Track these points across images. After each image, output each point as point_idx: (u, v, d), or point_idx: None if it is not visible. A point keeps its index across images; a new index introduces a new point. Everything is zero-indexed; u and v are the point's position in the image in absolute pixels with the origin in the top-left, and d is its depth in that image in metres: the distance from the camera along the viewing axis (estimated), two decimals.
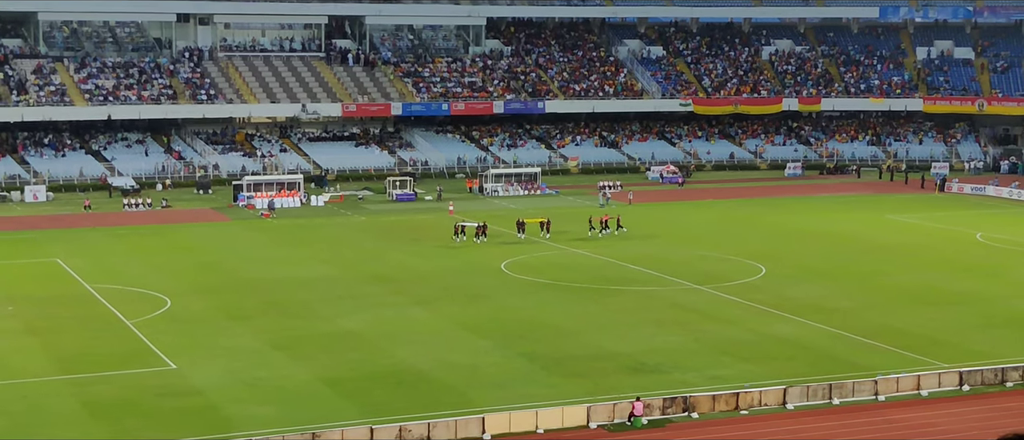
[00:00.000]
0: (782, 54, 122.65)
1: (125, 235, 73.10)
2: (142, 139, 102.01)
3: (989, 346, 45.29)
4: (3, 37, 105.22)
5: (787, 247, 68.55)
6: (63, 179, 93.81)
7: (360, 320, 49.47)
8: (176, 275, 59.30)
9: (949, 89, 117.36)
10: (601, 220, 72.47)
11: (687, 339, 46.46)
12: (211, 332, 47.54)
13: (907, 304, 52.81)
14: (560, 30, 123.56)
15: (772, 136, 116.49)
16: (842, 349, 45.03)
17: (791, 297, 53.89)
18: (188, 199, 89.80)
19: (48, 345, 45.34)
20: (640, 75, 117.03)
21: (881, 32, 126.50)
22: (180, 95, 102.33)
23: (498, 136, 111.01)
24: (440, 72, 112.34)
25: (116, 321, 49.17)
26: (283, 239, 71.62)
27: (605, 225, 72.08)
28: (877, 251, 67.34)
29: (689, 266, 61.74)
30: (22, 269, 61.57)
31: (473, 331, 47.61)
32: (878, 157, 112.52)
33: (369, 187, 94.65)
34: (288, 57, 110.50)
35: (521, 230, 70.63)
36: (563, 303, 53.02)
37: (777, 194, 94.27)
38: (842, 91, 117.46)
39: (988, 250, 68.39)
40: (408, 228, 75.44)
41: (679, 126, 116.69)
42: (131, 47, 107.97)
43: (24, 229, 75.64)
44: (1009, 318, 50.31)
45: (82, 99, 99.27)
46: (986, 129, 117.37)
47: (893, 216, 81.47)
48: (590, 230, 71.79)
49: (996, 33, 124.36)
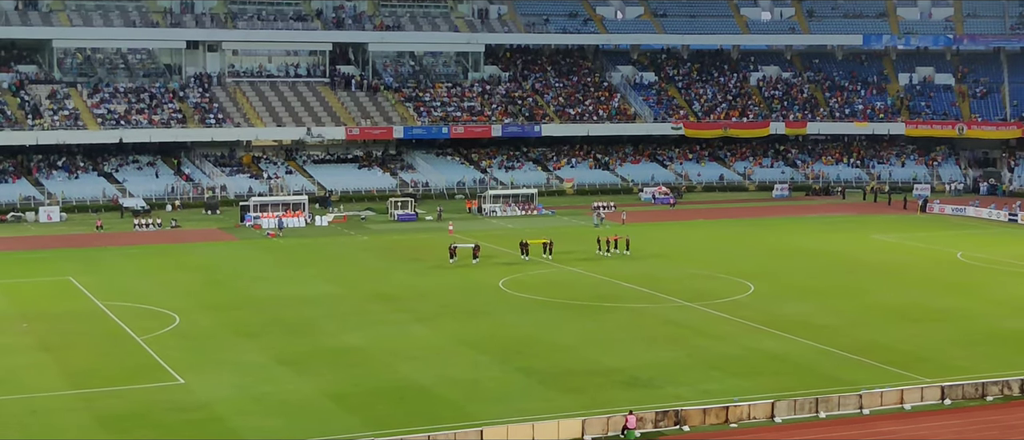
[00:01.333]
0: (769, 80, 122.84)
1: (136, 254, 73.03)
2: (152, 161, 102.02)
3: (970, 361, 45.25)
4: (19, 63, 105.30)
5: (775, 266, 68.52)
6: (76, 200, 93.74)
7: (363, 336, 49.39)
8: (185, 293, 59.22)
9: (930, 114, 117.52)
10: (609, 240, 72.24)
11: (679, 355, 46.40)
12: (218, 348, 47.43)
13: (891, 321, 52.77)
14: (556, 57, 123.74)
15: (760, 159, 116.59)
16: (828, 364, 44.98)
17: (779, 314, 53.85)
18: (197, 219, 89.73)
19: (61, 360, 45.22)
20: (633, 100, 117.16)
21: (865, 59, 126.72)
22: (189, 119, 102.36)
23: (496, 158, 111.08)
24: (440, 97, 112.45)
25: (126, 337, 49.08)
26: (288, 258, 71.54)
27: (615, 245, 71.92)
28: (861, 269, 67.33)
29: (681, 284, 61.72)
30: (36, 287, 61.49)
31: (472, 347, 47.54)
32: (862, 179, 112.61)
33: (372, 208, 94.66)
34: (294, 82, 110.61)
35: (525, 252, 70.27)
36: (559, 320, 52.98)
37: (765, 215, 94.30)
38: (827, 115, 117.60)
39: (968, 269, 68.37)
40: (409, 247, 75.39)
41: (670, 149, 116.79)
42: (142, 73, 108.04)
43: (38, 248, 75.57)
44: (989, 334, 50.27)
45: (95, 123, 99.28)
46: (966, 152, 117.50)
47: (877, 236, 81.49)
48: (598, 250, 71.64)
49: (975, 60, 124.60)
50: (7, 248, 75.52)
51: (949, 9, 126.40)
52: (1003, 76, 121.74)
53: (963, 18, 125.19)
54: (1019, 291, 60.46)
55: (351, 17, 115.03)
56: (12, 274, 65.36)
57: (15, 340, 48.64)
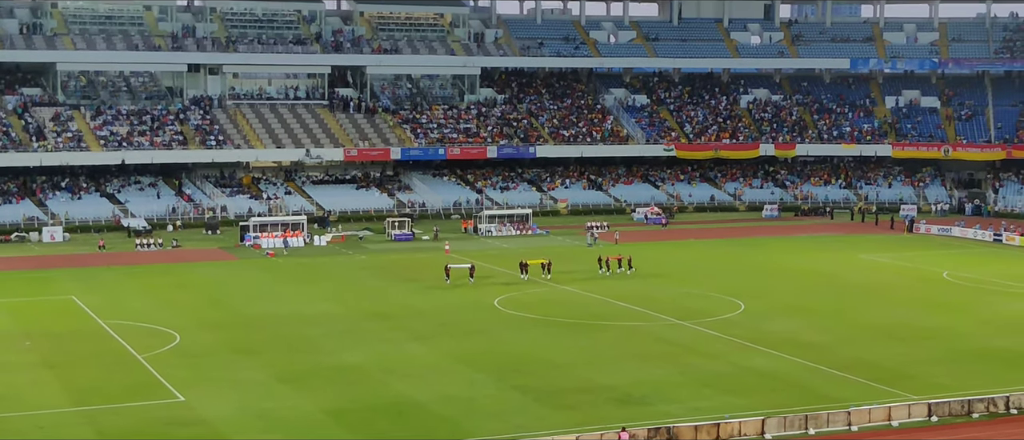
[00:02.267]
0: (759, 103, 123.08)
1: (137, 274, 72.96)
2: (154, 182, 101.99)
3: (956, 379, 45.26)
4: (23, 86, 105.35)
5: (765, 284, 68.53)
6: (79, 220, 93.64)
7: (361, 354, 49.35)
8: (185, 311, 59.16)
9: (916, 136, 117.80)
10: (611, 260, 71.91)
11: (671, 372, 46.38)
12: (219, 366, 47.37)
13: (878, 339, 52.80)
14: (550, 80, 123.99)
15: (750, 180, 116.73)
16: (817, 382, 44.98)
17: (769, 332, 53.86)
18: (197, 239, 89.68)
19: (63, 378, 45.15)
20: (625, 122, 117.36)
21: (852, 82, 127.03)
22: (190, 141, 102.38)
23: (492, 179, 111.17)
24: (437, 119, 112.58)
25: (128, 355, 49.01)
26: (287, 277, 71.51)
27: (619, 264, 71.75)
28: (850, 289, 67.37)
29: (672, 302, 61.72)
30: (40, 306, 61.41)
31: (469, 365, 47.51)
32: (850, 200, 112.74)
33: (369, 228, 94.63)
34: (293, 105, 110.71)
35: (524, 271, 70.04)
36: (554, 338, 52.96)
37: (755, 234, 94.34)
38: (816, 137, 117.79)
39: (954, 288, 68.44)
40: (406, 267, 75.36)
41: (662, 170, 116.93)
42: (144, 96, 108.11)
43: (42, 268, 75.50)
44: (975, 352, 50.30)
45: (97, 145, 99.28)
46: (951, 173, 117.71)
47: (864, 256, 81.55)
48: (600, 270, 71.46)
49: (960, 83, 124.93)
50: (11, 267, 75.44)
51: (934, 34, 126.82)
52: (987, 99, 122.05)
53: (948, 42, 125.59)
54: (1004, 310, 60.51)
55: (349, 41, 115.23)
56: (16, 293, 65.31)
57: (19, 358, 48.57)
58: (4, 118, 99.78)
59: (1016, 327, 55.73)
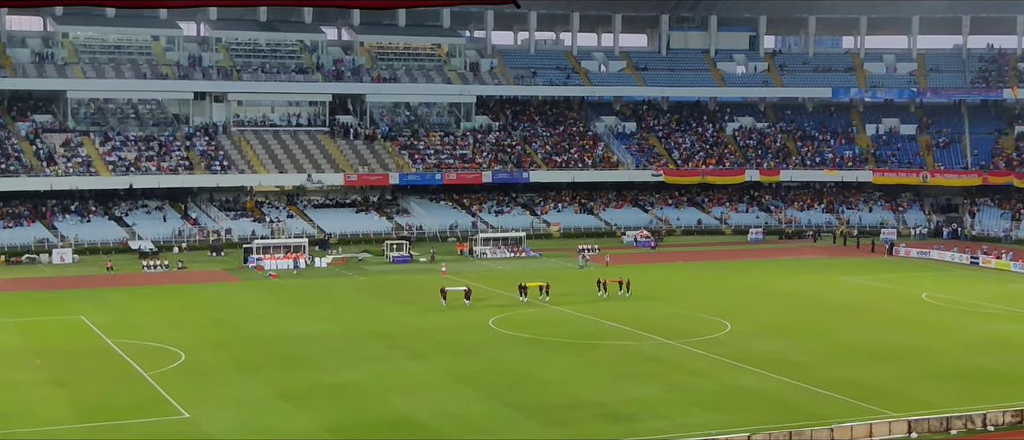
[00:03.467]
0: (744, 130, 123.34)
1: (144, 294, 72.83)
2: (161, 206, 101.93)
3: (935, 396, 45.24)
4: (35, 113, 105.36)
5: (750, 305, 68.50)
6: (88, 243, 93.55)
7: (360, 372, 49.24)
8: (190, 331, 59.04)
9: (896, 162, 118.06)
10: (610, 282, 71.28)
11: (659, 390, 46.31)
12: (222, 383, 47.25)
13: (860, 358, 52.78)
14: (543, 107, 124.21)
15: (736, 204, 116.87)
16: (801, 399, 44.93)
17: (754, 351, 53.81)
18: (202, 261, 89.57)
19: (72, 395, 45.02)
20: (616, 148, 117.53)
21: (834, 111, 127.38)
22: (196, 166, 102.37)
23: (487, 203, 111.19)
24: (434, 145, 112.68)
25: (135, 373, 48.89)
26: (289, 298, 71.42)
27: (620, 286, 71.09)
28: (832, 309, 67.38)
29: (661, 322, 61.66)
30: (50, 325, 61.27)
31: (463, 382, 47.41)
32: (832, 224, 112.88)
33: (369, 250, 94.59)
34: (295, 131, 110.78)
35: (523, 294, 69.31)
36: (546, 356, 52.87)
37: (741, 257, 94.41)
38: (799, 164, 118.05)
39: (933, 309, 68.48)
40: (404, 288, 75.28)
41: (651, 194, 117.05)
42: (152, 122, 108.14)
43: (52, 289, 75.35)
44: (952, 371, 50.31)
45: (106, 169, 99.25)
46: (930, 198, 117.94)
47: (846, 277, 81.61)
48: (598, 292, 70.86)
49: (938, 112, 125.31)
50: (22, 288, 75.32)
51: (913, 64, 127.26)
52: (964, 127, 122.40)
53: (926, 72, 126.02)
54: (981, 330, 60.56)
55: (350, 70, 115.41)
56: (27, 313, 65.17)
57: (29, 376, 48.43)
58: (16, 144, 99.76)
59: (992, 347, 55.76)
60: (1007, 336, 58.70)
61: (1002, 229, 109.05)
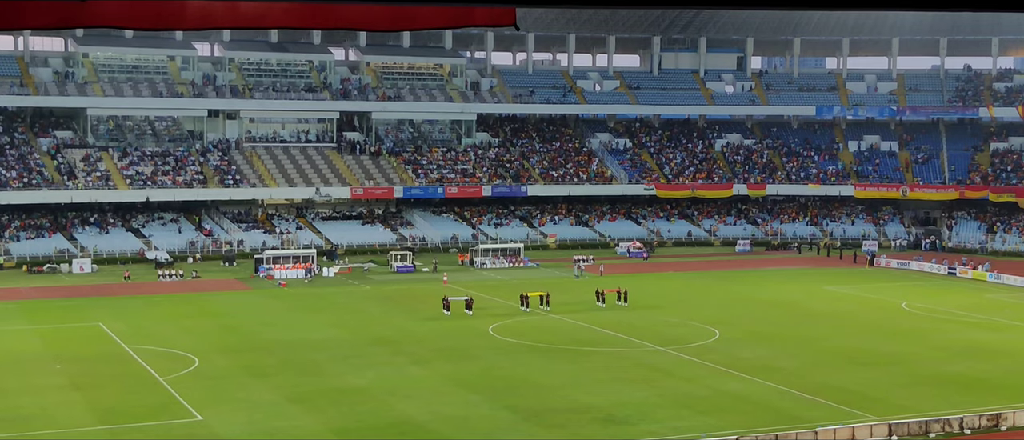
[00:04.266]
0: (732, 146, 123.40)
1: (160, 302, 72.79)
2: (176, 218, 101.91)
3: (914, 401, 45.19)
4: (56, 129, 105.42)
5: (738, 314, 68.41)
6: (106, 253, 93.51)
7: (365, 377, 49.18)
8: (203, 337, 58.98)
9: (877, 177, 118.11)
10: (608, 292, 70.89)
11: (651, 394, 46.25)
12: (234, 387, 47.19)
13: (842, 364, 52.73)
14: (541, 125, 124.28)
15: (724, 217, 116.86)
16: (786, 404, 44.88)
17: (742, 358, 53.76)
18: (215, 271, 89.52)
19: (90, 399, 44.95)
20: (610, 163, 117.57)
21: (817, 128, 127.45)
22: (210, 180, 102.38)
23: (486, 216, 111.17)
24: (436, 160, 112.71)
25: (150, 378, 48.83)
26: (298, 306, 71.34)
27: (618, 297, 70.65)
28: (816, 318, 67.31)
29: (653, 330, 61.58)
30: (69, 332, 61.22)
31: (464, 387, 47.35)
32: (816, 236, 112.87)
33: (374, 260, 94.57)
34: (304, 147, 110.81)
35: (525, 304, 68.81)
36: (543, 362, 52.80)
37: (729, 267, 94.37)
38: (784, 178, 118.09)
39: (912, 317, 68.42)
40: (407, 296, 75.23)
41: (644, 208, 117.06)
42: (168, 138, 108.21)
43: (72, 297, 75.32)
44: (931, 377, 50.25)
45: (124, 183, 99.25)
46: (909, 212, 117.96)
47: (829, 287, 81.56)
48: (597, 302, 70.45)
49: (917, 129, 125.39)
50: (44, 296, 75.27)
51: (893, 84, 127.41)
52: (942, 144, 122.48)
53: (906, 92, 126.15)
54: (959, 337, 60.51)
55: (356, 89, 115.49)
56: (48, 320, 65.13)
57: (49, 380, 48.37)
58: (39, 158, 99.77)
59: (970, 353, 55.70)
60: (983, 343, 58.63)
61: (978, 241, 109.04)
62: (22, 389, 46.61)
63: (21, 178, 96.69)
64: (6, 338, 58.91)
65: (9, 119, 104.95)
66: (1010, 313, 69.23)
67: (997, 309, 70.91)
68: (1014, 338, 60.51)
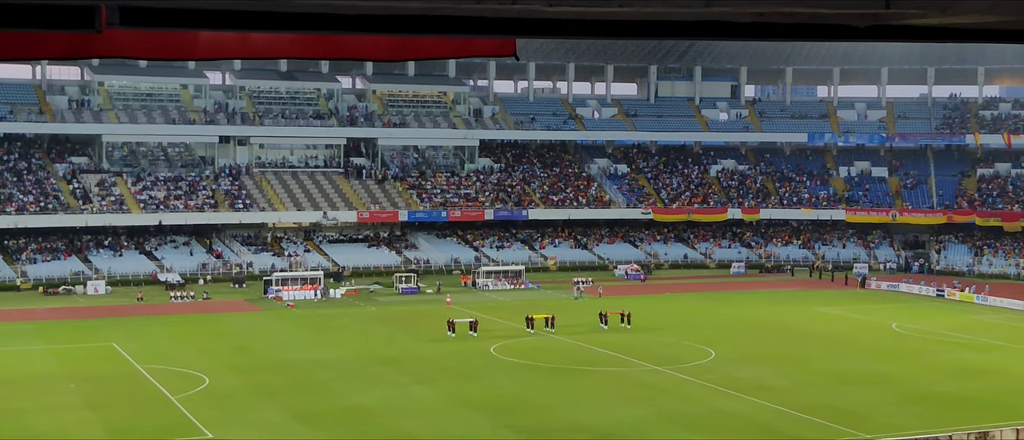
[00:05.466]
0: (727, 172, 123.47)
1: (172, 323, 72.67)
2: (188, 241, 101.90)
3: (905, 419, 45.05)
4: (72, 155, 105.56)
5: (733, 334, 68.27)
6: (120, 275, 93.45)
7: (371, 396, 49.05)
8: (214, 357, 58.85)
9: (867, 202, 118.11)
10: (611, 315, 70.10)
11: (649, 413, 46.09)
12: (243, 406, 47.05)
13: (835, 384, 52.57)
14: (541, 151, 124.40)
15: (719, 240, 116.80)
16: (781, 423, 44.72)
17: (737, 377, 53.60)
18: (226, 292, 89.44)
19: (104, 418, 44.81)
20: (608, 188, 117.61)
21: (810, 154, 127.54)
22: (221, 204, 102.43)
23: (489, 239, 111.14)
24: (440, 185, 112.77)
25: (162, 397, 48.70)
26: (305, 326, 71.23)
27: (622, 319, 69.88)
28: (808, 338, 67.17)
29: (650, 350, 61.43)
30: (83, 352, 61.10)
31: (467, 406, 47.20)
32: (808, 259, 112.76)
33: (379, 282, 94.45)
34: (312, 172, 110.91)
35: (530, 325, 68.16)
36: (544, 382, 52.66)
37: (724, 289, 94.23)
38: (778, 203, 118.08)
39: (902, 338, 68.29)
40: (412, 317, 75.09)
41: (641, 231, 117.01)
42: (180, 164, 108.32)
43: (86, 318, 75.19)
44: (921, 396, 50.10)
45: (138, 207, 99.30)
46: (899, 236, 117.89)
47: (821, 309, 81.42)
48: (601, 325, 69.63)
49: (906, 155, 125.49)
50: (59, 317, 75.16)
51: (882, 112, 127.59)
52: (930, 170, 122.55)
53: (895, 119, 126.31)
54: (947, 357, 60.37)
55: (363, 116, 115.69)
56: (62, 340, 65.01)
57: (64, 399, 48.26)
58: (55, 183, 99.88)
59: (958, 373, 55.56)
60: (971, 363, 58.50)
61: (966, 264, 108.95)
62: (38, 408, 46.48)
63: (38, 202, 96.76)
64: (22, 358, 58.80)
65: (27, 145, 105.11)
66: (997, 334, 69.09)
67: (984, 330, 70.78)
68: (1001, 358, 60.39)
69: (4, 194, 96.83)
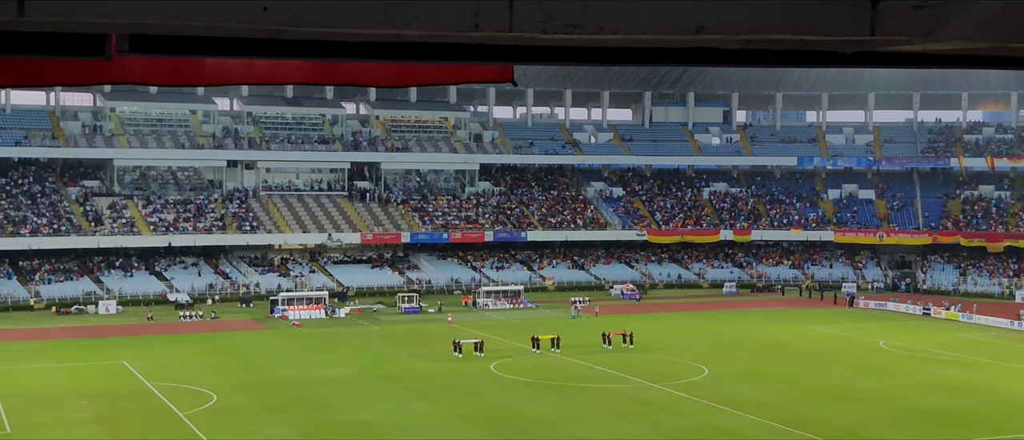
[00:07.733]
0: (719, 194, 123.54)
1: (181, 341, 72.56)
2: (196, 262, 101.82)
3: (893, 434, 44.96)
4: (84, 179, 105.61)
5: (725, 352, 68.18)
6: (131, 295, 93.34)
7: (374, 412, 48.92)
8: (222, 375, 58.73)
9: (855, 223, 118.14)
10: (614, 335, 69.39)
11: (644, 428, 45.98)
12: (250, 422, 46.92)
13: (825, 400, 52.47)
14: (540, 174, 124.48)
15: (712, 261, 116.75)
16: (773, 437, 44.59)
17: (730, 394, 53.50)
18: (233, 312, 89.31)
19: (114, 433, 44.68)
20: (604, 211, 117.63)
21: (799, 177, 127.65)
22: (228, 226, 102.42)
23: (488, 260, 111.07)
24: (442, 207, 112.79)
25: (171, 413, 48.57)
26: (311, 345, 71.11)
27: (624, 339, 69.19)
28: (799, 356, 67.06)
29: (645, 367, 61.32)
30: (95, 369, 60.97)
31: (468, 422, 47.09)
32: (798, 278, 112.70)
33: (382, 302, 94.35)
34: (317, 195, 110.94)
35: (536, 346, 67.43)
36: (542, 398, 52.53)
37: (716, 308, 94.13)
38: (768, 224, 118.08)
39: (890, 355, 68.19)
40: (414, 336, 74.99)
41: (636, 252, 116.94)
42: (189, 187, 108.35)
43: (97, 336, 75.07)
44: (908, 411, 50.00)
45: (148, 229, 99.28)
46: (886, 256, 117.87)
47: (811, 327, 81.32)
48: (604, 344, 68.95)
49: (893, 178, 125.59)
50: (71, 336, 75.02)
51: (870, 136, 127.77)
52: (916, 192, 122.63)
53: (882, 143, 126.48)
54: (933, 374, 60.27)
55: (367, 140, 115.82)
56: (74, 358, 64.88)
57: (76, 416, 48.12)
58: (68, 206, 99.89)
59: (944, 389, 55.47)
60: (956, 380, 58.40)
61: (951, 283, 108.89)
62: (50, 424, 46.35)
63: (51, 224, 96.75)
64: (35, 376, 58.67)
65: (41, 169, 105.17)
66: (982, 351, 68.99)
67: (969, 347, 70.69)
68: (986, 374, 60.29)
69: (19, 217, 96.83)
